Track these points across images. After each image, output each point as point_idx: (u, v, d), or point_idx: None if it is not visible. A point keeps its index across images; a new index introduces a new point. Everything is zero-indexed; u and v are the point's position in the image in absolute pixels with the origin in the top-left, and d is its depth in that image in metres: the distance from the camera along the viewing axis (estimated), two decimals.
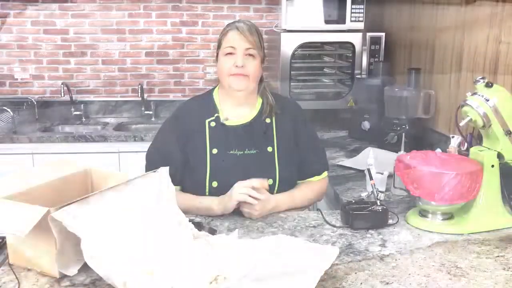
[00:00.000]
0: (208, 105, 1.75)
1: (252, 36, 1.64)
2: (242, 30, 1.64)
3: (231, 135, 1.69)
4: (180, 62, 3.71)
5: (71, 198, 1.17)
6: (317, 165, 1.79)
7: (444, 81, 2.48)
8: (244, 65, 1.63)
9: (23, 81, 3.63)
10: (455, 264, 1.31)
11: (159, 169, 1.41)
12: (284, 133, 1.73)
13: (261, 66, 1.70)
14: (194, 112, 1.75)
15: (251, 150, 1.68)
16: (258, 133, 1.71)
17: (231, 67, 1.64)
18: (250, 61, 1.64)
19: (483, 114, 1.52)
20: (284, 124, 1.73)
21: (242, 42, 1.63)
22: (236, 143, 1.68)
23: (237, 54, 1.63)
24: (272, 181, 1.66)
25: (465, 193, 1.48)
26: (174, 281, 1.11)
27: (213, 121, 1.71)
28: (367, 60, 3.11)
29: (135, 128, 3.59)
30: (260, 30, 1.73)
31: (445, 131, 2.46)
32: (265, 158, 1.68)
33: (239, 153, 1.67)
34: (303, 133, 1.77)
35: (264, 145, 1.70)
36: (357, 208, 1.56)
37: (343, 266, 1.29)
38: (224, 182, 1.61)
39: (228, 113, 1.72)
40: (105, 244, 1.15)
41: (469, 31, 2.24)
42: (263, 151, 1.69)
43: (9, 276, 1.22)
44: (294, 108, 1.81)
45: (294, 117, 1.77)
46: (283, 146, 1.71)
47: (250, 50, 1.64)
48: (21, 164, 2.98)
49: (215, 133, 1.69)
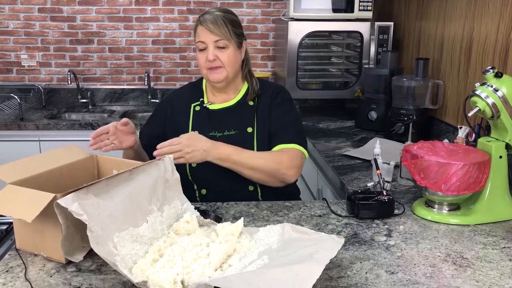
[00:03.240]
0: (196, 91, 1.83)
1: (218, 27, 1.64)
2: (207, 25, 1.65)
3: (213, 117, 1.75)
4: (186, 51, 3.70)
5: (78, 184, 1.18)
6: (287, 135, 1.70)
7: (453, 71, 2.46)
8: (216, 57, 1.66)
9: (30, 68, 3.64)
10: (461, 254, 1.31)
11: (165, 157, 1.41)
12: (264, 113, 1.75)
13: (240, 51, 1.72)
14: (183, 97, 1.83)
15: (230, 131, 1.72)
16: (240, 115, 1.75)
17: (206, 62, 1.68)
18: (222, 52, 1.67)
19: (492, 104, 1.51)
20: (264, 105, 1.76)
21: (209, 35, 1.65)
22: (217, 125, 1.74)
23: (208, 48, 1.67)
24: None
25: (472, 184, 1.47)
26: (180, 268, 1.11)
27: (198, 105, 1.78)
28: (375, 49, 3.09)
29: (141, 116, 3.59)
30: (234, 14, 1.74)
31: (453, 121, 2.45)
32: (244, 138, 1.70)
33: (218, 134, 1.72)
34: (277, 109, 1.76)
35: (244, 125, 1.73)
36: (363, 197, 1.55)
37: (348, 255, 1.29)
38: (203, 163, 1.58)
39: (213, 97, 1.79)
40: (111, 230, 1.15)
41: (479, 21, 2.21)
42: (243, 132, 1.72)
43: (16, 261, 1.23)
44: (275, 88, 1.81)
45: (274, 97, 1.78)
46: (263, 127, 1.73)
47: (219, 42, 1.66)
48: (28, 151, 2.99)
49: (198, 116, 1.76)
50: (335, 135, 2.75)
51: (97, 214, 1.13)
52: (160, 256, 1.18)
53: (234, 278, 1.06)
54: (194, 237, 1.26)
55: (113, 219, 1.17)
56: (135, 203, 1.25)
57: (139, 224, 1.25)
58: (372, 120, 2.84)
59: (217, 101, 1.79)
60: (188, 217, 1.33)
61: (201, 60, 1.70)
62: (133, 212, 1.24)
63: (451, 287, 1.15)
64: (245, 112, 1.75)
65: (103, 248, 1.11)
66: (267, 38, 3.73)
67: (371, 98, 2.88)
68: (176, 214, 1.37)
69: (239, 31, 1.71)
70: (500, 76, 1.51)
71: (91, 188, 1.17)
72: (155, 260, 1.16)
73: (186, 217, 1.33)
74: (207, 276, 1.10)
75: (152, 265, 1.14)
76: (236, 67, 1.73)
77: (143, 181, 1.30)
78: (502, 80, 1.51)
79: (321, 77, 3.44)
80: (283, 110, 1.76)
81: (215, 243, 1.21)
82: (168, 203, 1.37)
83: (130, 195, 1.25)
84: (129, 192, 1.25)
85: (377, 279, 1.17)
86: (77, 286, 1.12)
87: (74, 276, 1.17)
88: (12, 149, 3.06)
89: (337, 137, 2.70)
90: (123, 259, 1.13)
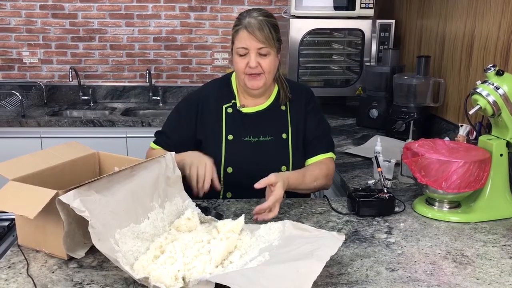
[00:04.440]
0: (226, 90, 1.75)
1: (263, 33, 1.57)
2: (252, 30, 1.57)
3: (246, 121, 1.71)
4: (188, 48, 3.70)
5: (79, 181, 1.18)
6: (323, 144, 1.75)
7: (454, 69, 2.45)
8: (258, 64, 1.61)
9: (32, 65, 3.64)
10: (461, 252, 1.31)
11: (166, 154, 1.42)
12: (298, 119, 1.74)
13: (278, 56, 1.67)
14: (212, 96, 1.74)
15: (266, 137, 1.70)
16: (273, 120, 1.72)
17: (246, 68, 1.62)
18: (264, 59, 1.61)
19: (493, 102, 1.51)
20: (297, 111, 1.74)
21: (253, 42, 1.58)
22: (251, 130, 1.70)
23: (250, 54, 1.60)
24: (286, 168, 1.68)
25: (473, 182, 1.47)
26: (181, 265, 1.12)
27: (230, 107, 1.72)
28: (377, 47, 3.09)
29: (142, 113, 3.60)
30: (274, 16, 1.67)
31: (454, 119, 2.45)
32: (280, 145, 1.70)
33: (254, 139, 1.69)
34: (312, 116, 1.76)
35: (279, 132, 1.71)
36: (363, 195, 1.56)
37: (348, 253, 1.29)
38: (239, 168, 1.64)
39: (245, 100, 1.74)
40: (113, 227, 1.16)
41: (480, 18, 2.20)
42: (278, 138, 1.70)
43: (18, 257, 1.24)
44: (307, 94, 1.80)
45: (307, 103, 1.77)
46: (297, 133, 1.72)
47: (262, 50, 1.60)
48: (29, 148, 3.00)
49: (232, 119, 1.71)
50: (336, 133, 2.75)
51: (98, 211, 1.14)
52: (161, 253, 1.19)
53: (235, 274, 1.07)
54: (195, 234, 1.27)
55: (115, 215, 1.18)
56: (136, 200, 1.26)
57: (140, 220, 1.25)
58: (373, 118, 2.84)
59: (250, 104, 1.73)
60: (189, 214, 1.34)
61: (240, 65, 1.62)
62: (134, 208, 1.25)
63: (451, 284, 1.15)
64: (278, 117, 1.73)
65: (105, 244, 1.12)
66: None
67: (372, 96, 2.88)
68: (177, 211, 1.38)
69: (279, 36, 1.65)
70: (501, 74, 1.51)
71: (93, 185, 1.18)
72: (156, 256, 1.17)
73: (187, 214, 1.34)
74: (208, 272, 1.11)
75: (154, 262, 1.15)
76: (274, 73, 1.69)
77: (144, 178, 1.31)
78: (503, 78, 1.51)
79: (322, 75, 3.44)
80: (319, 118, 1.77)
81: (216, 239, 1.22)
82: (170, 200, 1.38)
83: (131, 192, 1.25)
84: (131, 189, 1.25)
85: (377, 276, 1.18)
86: (78, 282, 1.13)
87: (76, 272, 1.17)
88: (13, 146, 3.06)
89: (338, 135, 2.70)
90: (124, 255, 1.14)
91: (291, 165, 1.69)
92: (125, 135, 3.15)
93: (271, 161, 1.67)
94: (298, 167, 1.70)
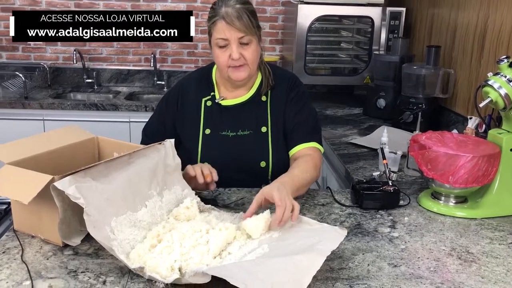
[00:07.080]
0: (205, 83, 1.69)
1: (242, 22, 1.49)
2: (230, 20, 1.48)
3: (225, 115, 1.65)
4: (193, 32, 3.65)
5: (78, 166, 1.15)
6: (303, 133, 1.63)
7: (465, 59, 2.39)
8: (240, 55, 1.53)
9: (36, 46, 3.61)
10: (467, 249, 1.28)
11: (165, 141, 1.39)
12: (278, 110, 1.65)
13: (259, 44, 1.59)
14: (192, 88, 1.69)
15: (244, 131, 1.63)
16: (252, 113, 1.65)
17: (228, 60, 1.54)
18: (246, 49, 1.54)
19: (504, 95, 1.46)
20: (278, 100, 1.66)
21: (233, 32, 1.49)
22: (230, 123, 1.64)
23: (231, 45, 1.52)
24: (265, 164, 1.61)
25: (480, 177, 1.43)
26: (178, 255, 1.09)
27: (209, 100, 1.66)
28: (386, 35, 3.03)
29: (146, 98, 3.56)
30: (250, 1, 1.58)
31: (463, 111, 2.39)
32: (259, 139, 1.63)
33: (232, 134, 1.63)
34: (293, 105, 1.65)
35: (258, 125, 1.64)
36: (368, 187, 1.52)
37: (350, 247, 1.26)
38: (215, 163, 1.55)
39: (225, 92, 1.67)
40: (109, 215, 1.13)
41: (494, 8, 2.14)
42: (257, 132, 1.63)
43: (13, 242, 1.22)
44: (289, 81, 1.69)
45: (289, 90, 1.67)
46: (277, 125, 1.64)
47: (243, 39, 1.52)
48: (32, 130, 2.98)
49: (210, 112, 1.65)
50: (342, 122, 2.71)
51: (94, 198, 1.11)
52: (158, 242, 1.16)
53: (232, 267, 1.04)
54: (194, 223, 1.24)
55: (111, 203, 1.15)
56: (134, 188, 1.23)
57: (137, 208, 1.23)
58: (381, 108, 2.80)
59: (229, 96, 1.66)
60: (189, 202, 1.31)
61: (222, 58, 1.54)
62: (132, 196, 1.22)
63: (455, 282, 1.12)
64: (258, 109, 1.65)
65: (100, 232, 1.09)
66: (276, 21, 3.66)
67: (380, 85, 2.83)
68: (176, 200, 1.35)
69: (258, 22, 1.56)
70: None
71: (89, 171, 1.15)
72: (153, 245, 1.14)
73: (186, 202, 1.31)
74: (205, 264, 1.08)
75: (150, 251, 1.12)
76: (258, 62, 1.61)
77: (143, 165, 1.28)
78: None
79: (329, 63, 3.38)
80: (299, 106, 1.66)
81: (215, 230, 1.19)
82: (168, 188, 1.35)
83: (129, 179, 1.22)
84: (128, 176, 1.22)
85: (379, 271, 1.15)
86: (73, 269, 1.11)
87: (70, 259, 1.15)
88: (16, 128, 3.04)
89: (344, 125, 2.66)
90: (120, 244, 1.11)
91: (270, 161, 1.61)
92: (128, 119, 3.12)
93: (249, 156, 1.60)
94: (279, 162, 1.61)
